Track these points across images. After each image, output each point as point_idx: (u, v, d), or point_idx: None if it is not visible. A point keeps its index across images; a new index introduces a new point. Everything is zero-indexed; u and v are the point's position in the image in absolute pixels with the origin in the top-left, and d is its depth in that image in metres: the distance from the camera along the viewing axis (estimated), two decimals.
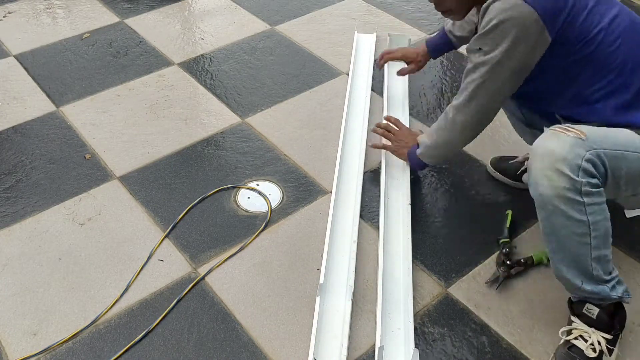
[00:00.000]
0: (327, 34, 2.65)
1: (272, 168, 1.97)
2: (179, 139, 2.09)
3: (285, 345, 1.48)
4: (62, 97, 2.27)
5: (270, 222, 1.79)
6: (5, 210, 1.82)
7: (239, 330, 1.51)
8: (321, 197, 1.87)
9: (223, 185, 1.91)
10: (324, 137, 2.10)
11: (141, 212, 1.82)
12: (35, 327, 1.51)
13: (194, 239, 1.74)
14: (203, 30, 2.68)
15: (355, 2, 2.88)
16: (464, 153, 2.04)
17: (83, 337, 1.50)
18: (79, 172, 1.96)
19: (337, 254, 1.63)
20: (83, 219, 1.80)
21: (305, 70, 2.43)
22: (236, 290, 1.60)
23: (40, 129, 2.13)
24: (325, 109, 2.23)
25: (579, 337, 1.41)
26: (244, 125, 2.16)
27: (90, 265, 1.67)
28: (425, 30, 2.68)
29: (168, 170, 1.97)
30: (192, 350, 1.47)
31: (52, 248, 1.71)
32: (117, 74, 2.40)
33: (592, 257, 1.31)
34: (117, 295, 1.59)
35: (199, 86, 2.34)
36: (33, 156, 2.01)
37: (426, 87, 2.34)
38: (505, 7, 1.32)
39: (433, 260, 1.68)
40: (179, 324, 1.53)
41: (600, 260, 1.32)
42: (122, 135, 2.10)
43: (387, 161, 1.90)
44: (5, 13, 2.76)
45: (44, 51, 2.52)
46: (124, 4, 2.85)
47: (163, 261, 1.68)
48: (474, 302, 1.58)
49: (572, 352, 1.40)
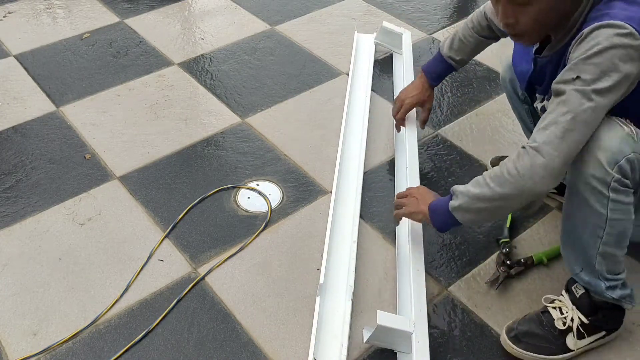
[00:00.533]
0: (327, 34, 2.65)
1: (272, 168, 1.98)
2: (179, 139, 2.09)
3: (285, 345, 1.48)
4: (62, 97, 2.27)
5: (270, 222, 1.79)
6: (5, 210, 1.82)
7: (239, 330, 1.51)
8: (321, 197, 1.87)
9: (223, 185, 1.91)
10: (324, 137, 2.10)
11: (141, 212, 1.82)
12: (35, 327, 1.51)
13: (194, 239, 1.74)
14: (203, 30, 2.68)
15: (355, 2, 2.88)
16: (463, 153, 2.04)
17: (83, 337, 1.50)
18: (79, 172, 1.96)
19: (337, 254, 1.63)
20: (83, 219, 1.80)
21: (305, 70, 2.43)
22: (236, 290, 1.60)
23: (40, 129, 2.13)
24: (325, 109, 2.23)
25: (557, 309, 1.43)
26: (244, 125, 2.16)
27: (90, 265, 1.67)
28: (425, 30, 2.68)
29: (168, 170, 1.97)
30: (192, 350, 1.47)
31: (52, 248, 1.71)
32: (117, 74, 2.40)
33: (599, 250, 1.30)
34: (117, 295, 1.59)
35: (199, 86, 2.34)
36: (33, 156, 2.01)
37: None
38: (619, 33, 1.15)
39: (433, 260, 1.68)
40: (179, 324, 1.53)
41: (606, 257, 1.32)
42: (122, 135, 2.10)
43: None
44: (5, 13, 2.76)
45: (44, 51, 2.52)
46: (124, 4, 2.85)
47: (163, 261, 1.68)
48: (474, 302, 1.58)
49: (543, 317, 1.44)
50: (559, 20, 1.27)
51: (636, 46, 1.15)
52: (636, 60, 1.16)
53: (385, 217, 1.80)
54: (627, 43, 1.14)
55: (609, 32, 1.16)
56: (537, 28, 1.28)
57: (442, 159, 2.03)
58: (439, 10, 2.84)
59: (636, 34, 1.14)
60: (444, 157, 2.03)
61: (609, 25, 1.16)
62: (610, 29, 1.16)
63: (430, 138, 2.11)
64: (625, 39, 1.14)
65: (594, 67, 1.17)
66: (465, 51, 1.82)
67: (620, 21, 1.15)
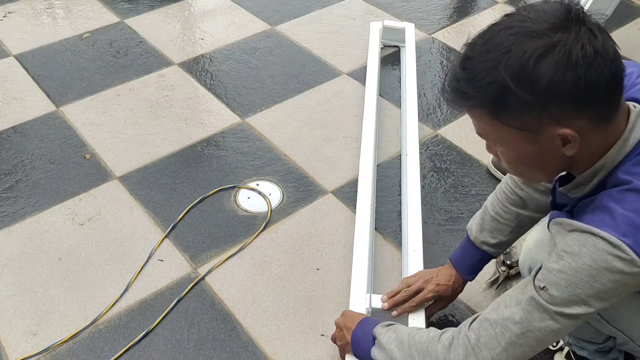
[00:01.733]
0: (327, 34, 2.65)
1: (272, 168, 1.97)
2: (179, 139, 2.09)
3: (285, 345, 1.48)
4: (62, 97, 2.27)
5: (270, 222, 1.79)
6: (5, 210, 1.82)
7: (239, 330, 1.51)
8: (321, 197, 1.87)
9: (223, 185, 1.91)
10: (324, 137, 2.10)
11: (141, 212, 1.82)
12: (35, 327, 1.51)
13: (194, 239, 1.74)
14: (203, 30, 2.68)
15: (355, 2, 2.88)
16: (464, 153, 2.04)
17: (83, 337, 1.49)
18: (79, 172, 1.95)
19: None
20: (83, 219, 1.80)
21: (305, 70, 2.42)
22: (236, 291, 1.60)
23: (40, 129, 2.13)
24: (325, 109, 2.23)
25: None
26: (244, 125, 2.16)
27: (90, 265, 1.67)
28: (425, 30, 2.68)
29: (168, 170, 1.97)
30: (192, 350, 1.47)
31: (52, 248, 1.71)
32: (117, 74, 2.40)
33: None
34: (117, 295, 1.59)
35: (199, 86, 2.34)
36: (33, 156, 2.01)
37: (426, 87, 2.34)
38: (612, 253, 0.88)
39: (433, 259, 1.68)
40: (179, 324, 1.53)
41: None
42: (122, 135, 2.10)
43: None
44: (5, 13, 2.76)
45: (44, 51, 2.52)
46: (124, 4, 2.85)
47: (163, 261, 1.68)
48: (474, 302, 1.58)
49: None
50: (559, 163, 0.98)
51: (631, 273, 0.89)
52: (630, 286, 0.91)
53: (385, 217, 1.80)
54: (619, 268, 0.88)
55: (590, 241, 0.90)
56: (525, 170, 1.02)
57: (442, 159, 2.03)
58: (439, 10, 2.84)
59: (637, 260, 0.87)
60: (444, 157, 2.03)
61: (603, 239, 0.89)
62: (593, 238, 0.90)
63: (430, 138, 2.11)
64: (618, 262, 0.88)
65: (566, 286, 0.92)
66: (503, 231, 1.35)
67: (620, 237, 0.88)
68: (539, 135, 0.91)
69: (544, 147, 0.93)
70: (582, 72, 0.85)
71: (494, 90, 0.89)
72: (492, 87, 0.89)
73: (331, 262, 1.68)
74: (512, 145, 0.96)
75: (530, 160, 0.97)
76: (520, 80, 0.87)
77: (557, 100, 0.87)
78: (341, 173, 1.96)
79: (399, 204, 1.85)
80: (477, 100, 0.92)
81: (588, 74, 0.85)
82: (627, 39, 2.66)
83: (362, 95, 2.27)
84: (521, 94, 0.87)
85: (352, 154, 2.02)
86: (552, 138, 0.91)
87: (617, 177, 0.93)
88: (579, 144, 0.90)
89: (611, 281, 0.89)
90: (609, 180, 0.94)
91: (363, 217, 1.68)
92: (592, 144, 0.92)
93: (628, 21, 2.78)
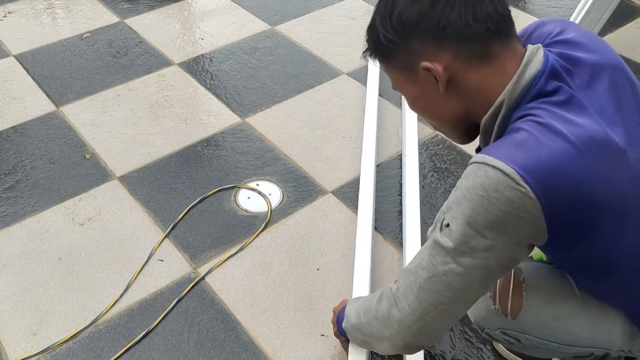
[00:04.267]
0: (327, 34, 2.65)
1: (272, 168, 1.97)
2: (179, 139, 2.09)
3: (285, 345, 1.48)
4: (62, 97, 2.27)
5: (270, 222, 1.79)
6: (5, 210, 1.82)
7: (239, 330, 1.51)
8: (321, 197, 1.87)
9: (223, 185, 1.91)
10: (324, 137, 2.10)
11: (141, 212, 1.82)
12: (35, 327, 1.51)
13: (194, 239, 1.74)
14: (203, 30, 2.68)
15: (355, 2, 2.88)
16: (464, 153, 2.05)
17: (83, 337, 1.50)
18: (79, 172, 1.96)
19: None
20: (83, 219, 1.80)
21: (305, 70, 2.43)
22: (236, 290, 1.60)
23: (40, 129, 2.13)
24: (325, 109, 2.23)
25: None
26: (244, 125, 2.16)
27: (90, 265, 1.67)
28: None
29: (168, 170, 1.97)
30: (192, 350, 1.47)
31: (52, 248, 1.71)
32: (117, 74, 2.40)
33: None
34: (117, 295, 1.59)
35: (199, 86, 2.34)
36: (33, 156, 2.01)
37: None
38: (492, 178, 0.87)
39: None
40: (179, 324, 1.53)
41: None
42: (122, 135, 2.10)
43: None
44: (5, 13, 2.76)
45: (44, 51, 2.52)
46: (124, 4, 2.85)
47: (163, 261, 1.68)
48: None
49: None
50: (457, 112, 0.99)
51: (522, 204, 0.86)
52: (525, 221, 0.88)
53: (385, 217, 1.81)
54: (509, 197, 0.86)
55: (490, 174, 0.87)
56: (430, 120, 1.05)
57: (442, 159, 2.03)
58: None
59: (527, 190, 0.85)
60: (444, 157, 2.03)
61: (495, 168, 0.86)
62: (491, 169, 0.87)
63: (430, 138, 2.11)
64: (509, 191, 0.85)
65: (461, 217, 0.90)
66: None
67: (512, 166, 0.85)
68: (416, 74, 0.96)
69: (424, 87, 0.97)
70: (427, 4, 0.90)
71: (373, 35, 0.98)
72: (372, 32, 0.99)
73: (331, 262, 1.68)
74: (403, 89, 1.02)
75: (423, 105, 1.02)
76: (383, 17, 0.96)
77: (414, 33, 0.93)
78: (341, 173, 1.96)
79: (399, 203, 1.85)
80: (369, 50, 1.02)
81: (435, 6, 0.90)
82: (627, 39, 2.66)
83: (362, 95, 2.27)
84: (385, 31, 0.95)
85: (352, 154, 2.02)
86: (425, 75, 0.95)
87: (514, 115, 0.93)
88: (457, 82, 0.94)
89: (503, 211, 0.86)
90: (511, 121, 0.94)
91: (365, 217, 1.68)
92: (472, 82, 0.94)
93: (628, 21, 2.78)
